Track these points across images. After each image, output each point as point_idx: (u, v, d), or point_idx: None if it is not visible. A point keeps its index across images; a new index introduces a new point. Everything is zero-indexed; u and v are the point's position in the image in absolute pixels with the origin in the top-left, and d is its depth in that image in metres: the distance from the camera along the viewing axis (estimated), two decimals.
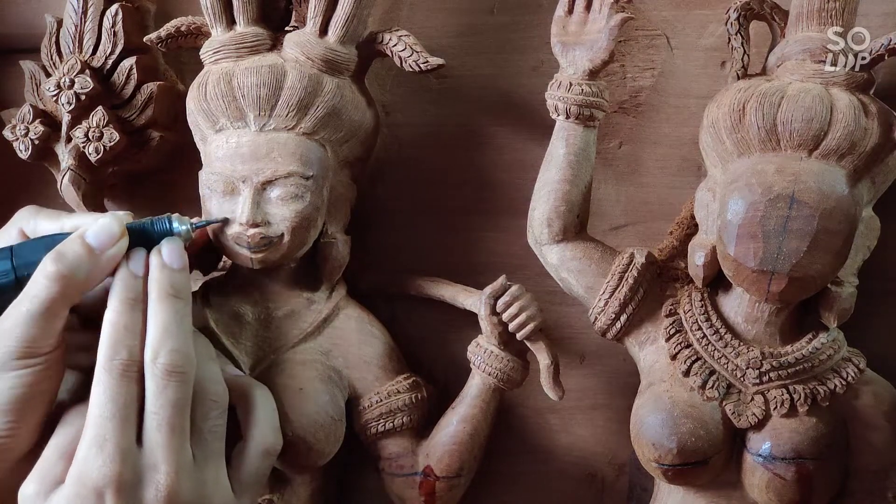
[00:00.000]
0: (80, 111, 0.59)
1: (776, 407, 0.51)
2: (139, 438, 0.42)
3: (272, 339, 0.56)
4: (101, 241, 0.43)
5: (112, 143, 0.59)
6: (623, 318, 0.54)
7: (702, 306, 0.54)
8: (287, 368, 0.54)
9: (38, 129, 0.60)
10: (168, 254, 0.45)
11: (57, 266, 0.42)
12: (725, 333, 0.53)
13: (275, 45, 0.55)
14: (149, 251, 0.45)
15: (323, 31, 0.55)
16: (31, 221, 0.47)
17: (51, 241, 0.44)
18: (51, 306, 0.41)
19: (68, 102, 0.58)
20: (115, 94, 0.60)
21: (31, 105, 0.61)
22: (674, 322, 0.54)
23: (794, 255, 0.48)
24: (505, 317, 0.54)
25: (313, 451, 0.53)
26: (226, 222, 0.52)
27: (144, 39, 0.58)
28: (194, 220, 0.49)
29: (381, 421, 0.56)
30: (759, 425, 0.51)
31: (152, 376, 0.42)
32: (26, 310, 0.41)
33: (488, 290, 0.55)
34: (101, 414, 0.41)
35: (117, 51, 0.60)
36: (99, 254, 0.43)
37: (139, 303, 0.43)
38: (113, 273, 0.44)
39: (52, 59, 0.61)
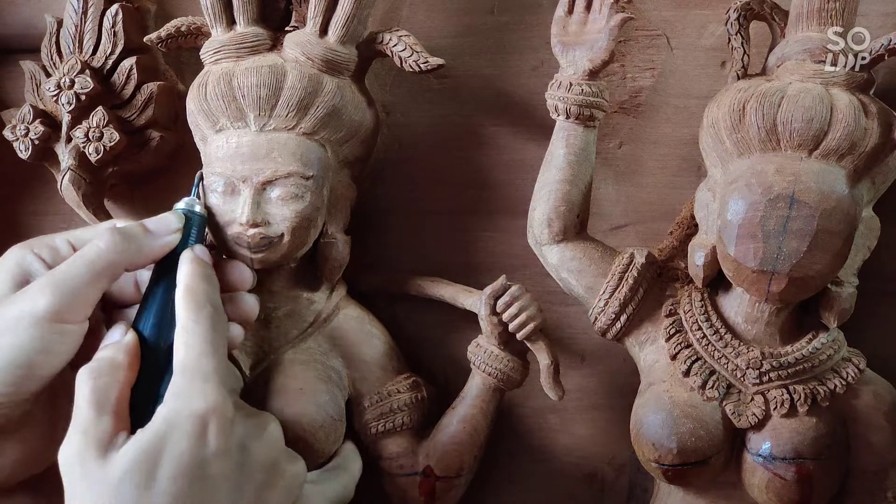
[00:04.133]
0: (80, 111, 0.59)
1: (776, 407, 0.51)
2: None
3: (272, 338, 0.56)
4: (158, 227, 0.47)
5: (112, 143, 0.59)
6: (623, 318, 0.54)
7: (702, 306, 0.54)
8: (287, 368, 0.55)
9: (38, 129, 0.60)
10: (203, 253, 0.49)
11: (114, 235, 0.44)
12: (725, 333, 0.53)
13: (275, 45, 0.55)
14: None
15: (323, 31, 0.55)
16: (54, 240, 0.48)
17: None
18: (100, 271, 0.43)
19: (68, 102, 0.58)
20: (115, 94, 0.60)
21: (31, 105, 0.61)
22: (674, 322, 0.54)
23: (794, 255, 0.48)
24: (505, 317, 0.54)
25: (313, 451, 0.53)
26: (201, 177, 0.53)
27: (144, 39, 0.58)
28: (181, 204, 0.51)
29: (381, 421, 0.57)
30: (759, 425, 0.51)
31: None
32: (76, 269, 0.43)
33: (488, 290, 0.55)
34: (200, 352, 0.42)
35: (117, 51, 0.60)
36: (154, 237, 0.46)
37: (213, 279, 0.47)
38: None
39: (52, 59, 0.61)
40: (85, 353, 0.44)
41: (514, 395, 0.60)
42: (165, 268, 0.47)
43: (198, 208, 0.51)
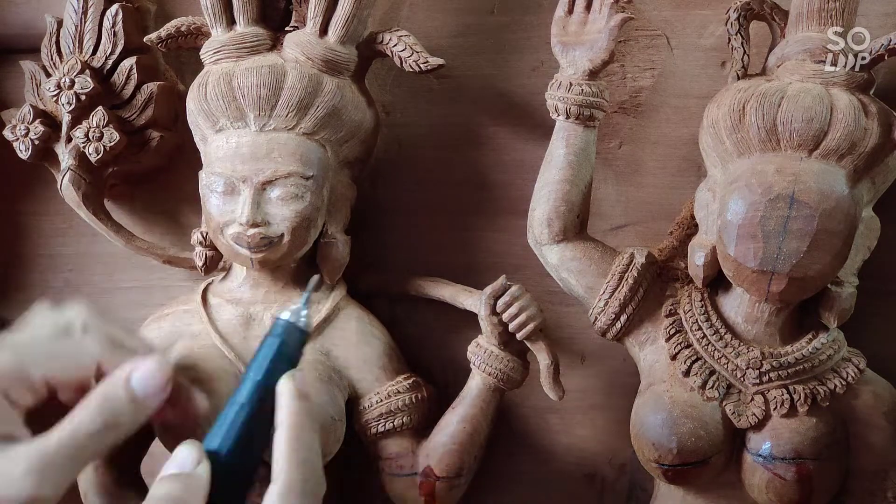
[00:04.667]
0: (80, 111, 0.59)
1: (776, 407, 0.51)
2: None
3: None
4: (146, 391, 0.40)
5: (112, 143, 0.59)
6: (623, 318, 0.54)
7: (702, 306, 0.54)
8: None
9: (38, 129, 0.60)
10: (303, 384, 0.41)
11: (100, 412, 0.38)
12: (725, 333, 0.53)
13: (275, 45, 0.55)
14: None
15: (323, 31, 0.55)
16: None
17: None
18: (83, 452, 0.38)
19: (68, 102, 0.58)
20: (115, 94, 0.60)
21: (31, 105, 0.61)
22: (674, 322, 0.54)
23: (794, 255, 0.48)
24: (505, 317, 0.54)
25: None
26: (319, 283, 0.46)
27: (145, 40, 0.58)
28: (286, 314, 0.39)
29: (382, 421, 0.56)
30: (759, 425, 0.51)
31: None
32: (54, 453, 0.37)
33: (488, 290, 0.55)
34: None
35: (117, 51, 0.60)
36: (140, 403, 0.39)
37: (314, 417, 0.40)
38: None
39: (52, 59, 0.61)
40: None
41: (514, 395, 0.60)
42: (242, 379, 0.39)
43: (303, 321, 0.38)
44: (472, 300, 0.58)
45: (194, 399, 0.41)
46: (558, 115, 0.55)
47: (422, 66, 0.55)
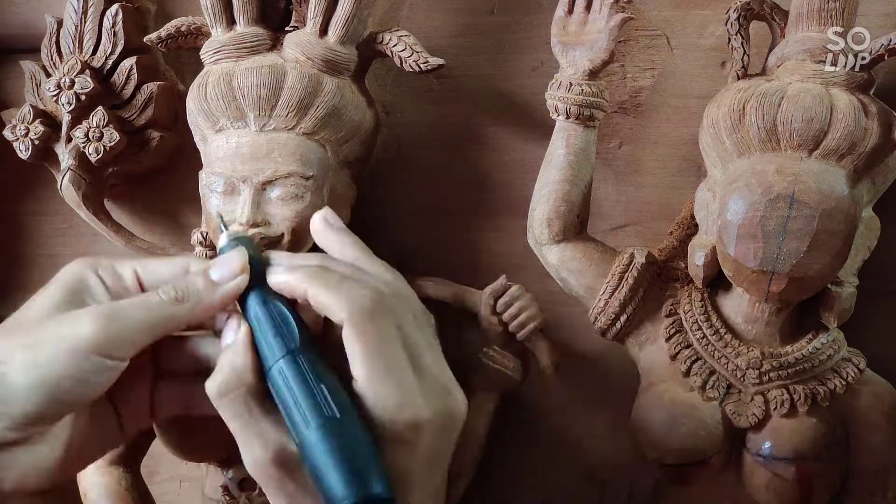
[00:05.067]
0: (80, 111, 0.59)
1: (776, 407, 0.51)
2: None
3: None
4: (223, 274, 0.41)
5: (112, 143, 0.59)
6: (623, 318, 0.54)
7: (702, 306, 0.54)
8: None
9: (38, 129, 0.60)
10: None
11: (176, 290, 0.40)
12: (725, 333, 0.53)
13: (275, 45, 0.55)
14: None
15: (323, 31, 0.55)
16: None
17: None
18: (156, 324, 0.40)
19: (68, 102, 0.58)
20: (115, 94, 0.60)
21: (31, 105, 0.61)
22: (674, 322, 0.54)
23: (793, 255, 0.48)
24: (505, 317, 0.54)
25: None
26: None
27: (145, 40, 0.58)
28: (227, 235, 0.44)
29: None
30: (760, 425, 0.51)
31: None
32: (134, 312, 0.39)
33: (488, 290, 0.55)
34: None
35: (117, 51, 0.60)
36: (218, 289, 0.41)
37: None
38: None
39: (52, 59, 0.61)
40: (122, 385, 0.42)
41: (514, 395, 0.60)
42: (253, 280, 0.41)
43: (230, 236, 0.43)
44: (472, 300, 0.58)
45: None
46: (558, 115, 0.55)
47: (422, 66, 0.55)
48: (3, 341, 0.39)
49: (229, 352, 0.39)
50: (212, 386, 0.38)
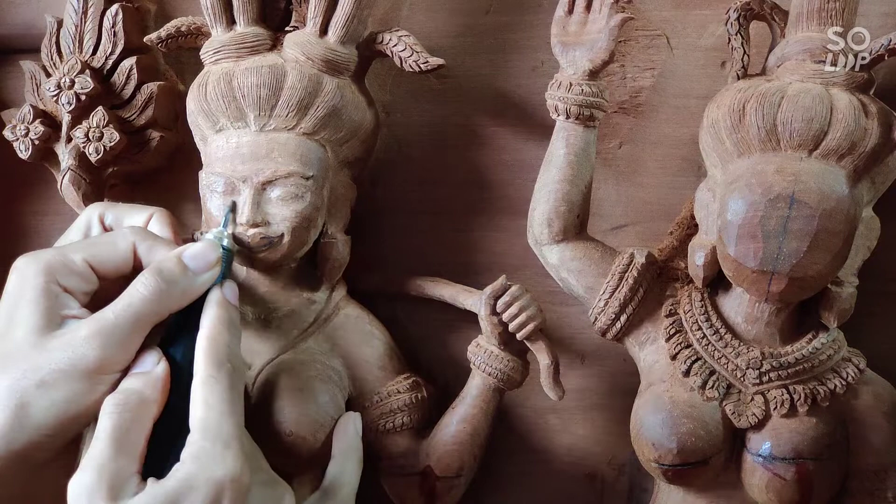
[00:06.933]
0: (81, 111, 0.59)
1: (776, 407, 0.51)
2: None
3: (272, 338, 0.56)
4: (197, 265, 0.46)
5: (112, 144, 0.59)
6: (623, 318, 0.54)
7: (702, 306, 0.54)
8: (287, 368, 0.54)
9: (38, 129, 0.60)
10: (231, 294, 0.48)
11: (157, 282, 0.43)
12: (725, 333, 0.53)
13: (275, 45, 0.55)
14: None
15: (323, 31, 0.55)
16: (109, 212, 0.49)
17: None
18: (145, 320, 0.43)
19: (68, 102, 0.58)
20: (115, 94, 0.60)
21: (31, 105, 0.61)
22: (674, 322, 0.54)
23: (794, 255, 0.48)
24: (505, 317, 0.54)
25: (313, 451, 0.53)
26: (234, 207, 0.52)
27: (145, 39, 0.58)
28: (210, 235, 0.50)
29: (381, 421, 0.56)
30: (759, 425, 0.51)
31: None
32: (123, 319, 0.42)
33: (488, 290, 0.55)
34: (220, 413, 0.41)
35: (117, 51, 0.60)
36: (194, 276, 0.45)
37: (237, 327, 0.46)
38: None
39: (52, 59, 0.61)
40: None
41: (514, 395, 0.60)
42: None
43: (226, 242, 0.49)
44: (472, 300, 0.58)
45: None
46: (558, 115, 0.55)
47: (422, 66, 0.55)
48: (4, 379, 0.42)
49: (142, 380, 0.43)
50: (111, 400, 0.42)
